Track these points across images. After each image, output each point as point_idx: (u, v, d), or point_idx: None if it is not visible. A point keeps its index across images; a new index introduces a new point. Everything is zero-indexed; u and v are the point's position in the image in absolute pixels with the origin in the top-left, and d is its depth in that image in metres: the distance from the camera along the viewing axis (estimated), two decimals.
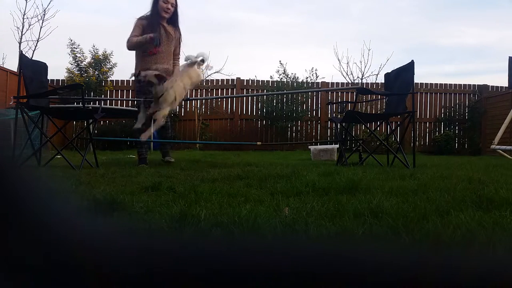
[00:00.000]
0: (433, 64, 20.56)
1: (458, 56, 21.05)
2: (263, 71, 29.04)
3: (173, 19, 4.53)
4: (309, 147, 6.72)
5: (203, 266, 0.26)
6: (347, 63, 15.94)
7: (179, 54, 4.70)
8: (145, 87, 3.98)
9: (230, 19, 19.90)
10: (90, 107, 7.15)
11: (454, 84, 11.01)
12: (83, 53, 10.35)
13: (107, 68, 10.37)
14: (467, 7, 21.30)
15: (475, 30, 20.14)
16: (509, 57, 7.63)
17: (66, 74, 10.22)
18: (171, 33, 4.49)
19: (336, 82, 10.96)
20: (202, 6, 20.01)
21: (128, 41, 4.35)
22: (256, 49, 20.50)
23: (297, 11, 20.34)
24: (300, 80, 10.66)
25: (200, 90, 10.59)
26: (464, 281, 0.25)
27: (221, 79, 10.82)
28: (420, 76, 14.26)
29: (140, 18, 4.42)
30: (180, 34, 4.65)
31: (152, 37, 4.22)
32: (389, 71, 4.77)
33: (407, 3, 19.52)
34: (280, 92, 10.02)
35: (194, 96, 10.54)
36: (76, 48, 10.29)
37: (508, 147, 7.43)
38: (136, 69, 4.46)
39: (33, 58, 7.28)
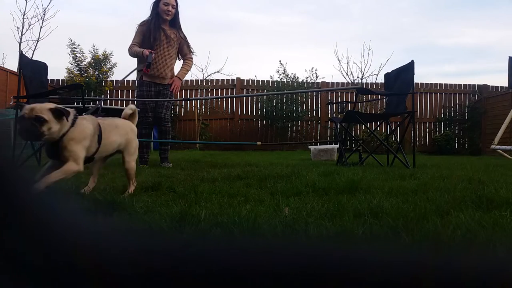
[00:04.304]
0: (433, 64, 20.54)
1: (458, 56, 21.05)
2: (263, 71, 29.06)
3: (174, 21, 4.45)
4: (309, 147, 6.72)
5: (203, 266, 0.26)
6: (347, 63, 16.00)
7: (189, 53, 4.58)
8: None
9: (230, 19, 19.91)
10: (90, 107, 7.14)
11: (454, 84, 11.02)
12: (83, 53, 10.37)
13: (107, 68, 10.38)
14: (467, 7, 21.28)
15: (475, 30, 20.14)
16: (509, 57, 7.63)
17: (66, 74, 10.24)
18: (172, 37, 4.40)
19: (336, 82, 10.97)
20: (202, 6, 20.02)
21: (130, 48, 4.37)
22: (256, 49, 20.52)
23: (298, 11, 20.34)
24: (300, 80, 10.67)
25: (200, 90, 10.61)
26: (464, 281, 0.25)
27: (221, 79, 10.83)
28: (420, 76, 14.29)
29: (141, 24, 4.38)
30: (184, 35, 4.53)
31: (147, 55, 4.20)
32: (389, 71, 4.78)
33: (408, 4, 19.55)
34: (280, 92, 10.02)
35: (194, 96, 10.56)
36: (76, 48, 10.31)
37: (508, 147, 7.43)
38: (138, 72, 4.51)
39: (33, 58, 7.28)
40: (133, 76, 4.64)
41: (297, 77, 10.71)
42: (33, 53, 10.19)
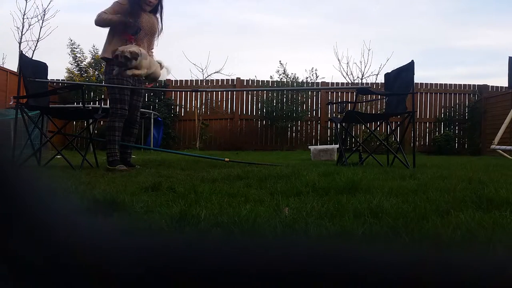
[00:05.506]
0: (435, 66, 20.43)
1: (461, 58, 20.98)
2: (263, 72, 28.97)
3: (155, 10, 4.07)
4: (309, 147, 6.72)
5: (203, 266, 0.26)
6: (347, 63, 15.96)
7: (153, 47, 4.19)
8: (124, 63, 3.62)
9: (230, 20, 19.91)
10: (90, 107, 7.15)
11: (454, 84, 11.02)
12: (83, 53, 10.38)
13: None
14: (476, 12, 21.05)
15: (479, 32, 20.05)
16: (509, 57, 7.64)
17: (66, 74, 10.25)
18: (155, 25, 4.05)
19: (336, 82, 10.97)
20: (201, 7, 20.03)
21: (100, 15, 3.75)
22: (256, 50, 20.52)
23: (315, 13, 20.18)
24: (300, 80, 10.68)
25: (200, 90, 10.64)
26: (464, 281, 0.25)
27: (221, 79, 10.84)
28: (426, 78, 14.21)
29: (119, 2, 3.83)
30: (161, 28, 4.15)
31: (132, 24, 3.76)
32: (389, 71, 4.78)
33: (414, 8, 19.43)
34: (280, 88, 10.07)
35: (194, 98, 10.58)
36: (76, 48, 10.33)
37: (508, 147, 7.43)
38: (105, 52, 3.86)
39: (33, 58, 7.28)
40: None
41: (297, 77, 10.73)
42: (33, 53, 10.21)
